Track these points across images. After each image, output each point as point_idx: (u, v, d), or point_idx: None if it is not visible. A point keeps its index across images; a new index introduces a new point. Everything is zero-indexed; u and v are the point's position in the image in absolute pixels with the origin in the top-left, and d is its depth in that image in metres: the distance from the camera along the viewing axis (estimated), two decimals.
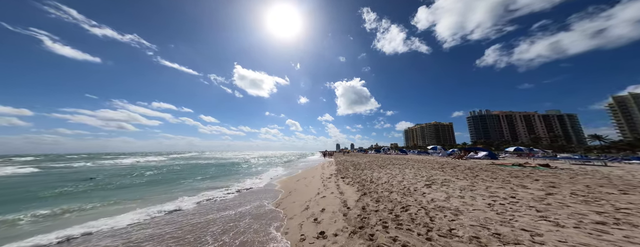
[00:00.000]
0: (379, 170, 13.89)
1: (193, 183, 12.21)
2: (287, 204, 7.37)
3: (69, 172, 18.86)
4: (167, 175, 16.27)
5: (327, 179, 11.35)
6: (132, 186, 11.44)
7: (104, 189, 10.81)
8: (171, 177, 14.84)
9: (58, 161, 37.53)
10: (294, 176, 14.72)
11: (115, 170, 20.52)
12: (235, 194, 9.10)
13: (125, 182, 12.87)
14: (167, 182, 12.57)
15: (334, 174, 13.17)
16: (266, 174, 16.53)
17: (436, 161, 20.03)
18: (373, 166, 16.71)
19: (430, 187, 7.84)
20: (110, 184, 12.22)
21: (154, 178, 14.61)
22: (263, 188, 10.58)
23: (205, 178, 14.31)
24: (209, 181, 13.20)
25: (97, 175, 16.43)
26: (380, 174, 11.80)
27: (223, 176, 15.52)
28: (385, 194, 7.04)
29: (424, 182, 8.75)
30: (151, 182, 12.88)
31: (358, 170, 14.47)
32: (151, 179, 14.01)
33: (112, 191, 10.33)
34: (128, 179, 14.34)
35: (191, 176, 15.57)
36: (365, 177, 11.13)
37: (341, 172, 13.72)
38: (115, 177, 15.34)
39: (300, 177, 13.51)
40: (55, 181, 13.47)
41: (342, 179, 10.92)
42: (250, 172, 17.92)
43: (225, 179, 14.21)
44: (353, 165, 18.90)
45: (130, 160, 38.29)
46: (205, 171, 18.52)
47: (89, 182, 12.78)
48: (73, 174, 17.27)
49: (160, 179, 14.02)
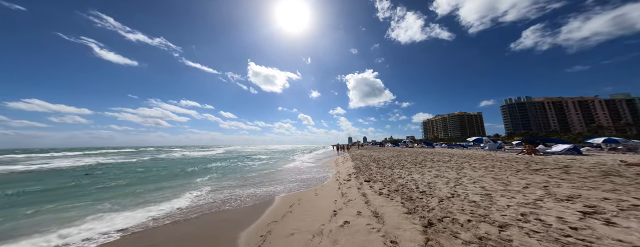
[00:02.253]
0: (418, 169, 8.88)
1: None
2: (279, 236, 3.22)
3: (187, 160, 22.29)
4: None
5: (345, 182, 7.21)
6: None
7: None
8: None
9: (154, 153, 39.00)
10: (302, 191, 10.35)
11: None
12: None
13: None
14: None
15: (353, 174, 8.70)
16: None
17: (493, 157, 14.19)
18: (404, 163, 11.65)
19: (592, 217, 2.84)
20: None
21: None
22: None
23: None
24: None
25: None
26: (427, 177, 6.93)
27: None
28: (477, 225, 2.47)
29: (557, 202, 3.67)
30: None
31: (384, 168, 9.64)
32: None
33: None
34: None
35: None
36: (402, 181, 6.63)
37: (362, 171, 9.12)
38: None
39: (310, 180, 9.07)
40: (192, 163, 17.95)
41: (367, 183, 6.64)
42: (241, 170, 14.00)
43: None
44: (374, 161, 13.96)
45: (218, 151, 43.24)
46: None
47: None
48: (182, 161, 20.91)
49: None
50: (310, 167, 14.20)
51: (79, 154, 35.50)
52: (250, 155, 30.85)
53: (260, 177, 10.14)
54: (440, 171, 8.05)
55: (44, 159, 24.39)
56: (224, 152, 43.40)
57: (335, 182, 7.44)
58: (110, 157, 26.76)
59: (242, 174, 11.56)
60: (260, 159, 22.14)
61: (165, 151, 47.73)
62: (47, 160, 23.33)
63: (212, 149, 61.42)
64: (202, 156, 29.92)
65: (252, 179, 9.79)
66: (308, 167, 13.76)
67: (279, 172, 11.80)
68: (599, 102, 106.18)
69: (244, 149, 62.89)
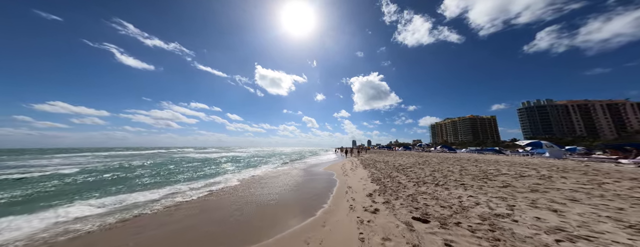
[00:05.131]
0: (498, 190, 5.18)
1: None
2: None
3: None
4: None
5: (367, 212, 3.76)
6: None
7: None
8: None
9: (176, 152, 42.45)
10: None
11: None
12: None
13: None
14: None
15: (376, 192, 5.23)
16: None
17: (571, 167, 10.15)
18: (451, 174, 7.90)
19: None
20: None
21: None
22: None
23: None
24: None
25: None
26: (553, 216, 3.17)
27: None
28: None
29: None
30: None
31: (423, 183, 5.94)
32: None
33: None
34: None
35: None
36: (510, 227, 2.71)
37: (389, 188, 5.50)
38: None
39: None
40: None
41: (421, 226, 2.90)
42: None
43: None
44: (395, 169, 10.27)
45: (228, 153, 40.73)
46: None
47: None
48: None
49: None
50: (311, 167, 10.71)
51: (131, 154, 37.67)
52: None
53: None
54: (548, 197, 4.35)
55: (124, 158, 26.03)
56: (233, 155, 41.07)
57: (349, 215, 3.89)
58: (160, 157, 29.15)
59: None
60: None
61: (201, 152, 48.53)
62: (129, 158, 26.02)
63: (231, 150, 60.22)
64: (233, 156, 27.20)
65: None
66: (306, 173, 10.27)
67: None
68: (630, 106, 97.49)
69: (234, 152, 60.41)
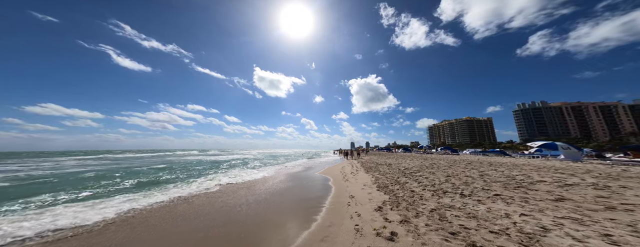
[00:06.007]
0: (546, 206, 4.80)
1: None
2: None
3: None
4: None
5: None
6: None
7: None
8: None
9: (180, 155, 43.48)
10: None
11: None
12: None
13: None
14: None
15: (386, 205, 4.54)
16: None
17: (614, 173, 9.48)
18: (472, 180, 7.57)
19: None
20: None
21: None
22: None
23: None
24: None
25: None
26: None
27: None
28: None
29: None
30: None
31: (441, 192, 5.53)
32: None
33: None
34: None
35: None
36: None
37: (402, 199, 4.96)
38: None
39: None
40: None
41: None
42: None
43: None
44: (404, 174, 9.91)
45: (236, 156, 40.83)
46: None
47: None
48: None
49: None
50: (301, 171, 10.27)
51: (146, 156, 40.09)
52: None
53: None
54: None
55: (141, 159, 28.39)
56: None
57: (356, 243, 3.09)
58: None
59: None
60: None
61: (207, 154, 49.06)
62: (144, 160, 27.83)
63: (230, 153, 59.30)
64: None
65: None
66: (302, 175, 9.83)
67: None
68: (622, 108, 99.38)
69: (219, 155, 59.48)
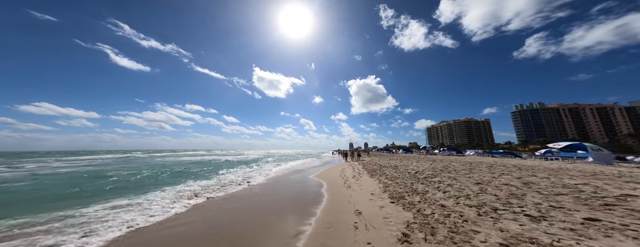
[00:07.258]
0: None
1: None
2: None
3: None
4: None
5: None
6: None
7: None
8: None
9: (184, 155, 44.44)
10: None
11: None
12: None
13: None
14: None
15: None
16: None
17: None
18: (523, 194, 6.33)
19: None
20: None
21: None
22: None
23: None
24: None
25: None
26: None
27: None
28: None
29: None
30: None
31: (504, 211, 4.27)
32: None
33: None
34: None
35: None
36: None
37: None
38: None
39: None
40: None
41: None
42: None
43: None
44: (417, 179, 8.72)
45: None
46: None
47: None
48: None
49: None
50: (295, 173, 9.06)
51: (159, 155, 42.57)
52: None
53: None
54: None
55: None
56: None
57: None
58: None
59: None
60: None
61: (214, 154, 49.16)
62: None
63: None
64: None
65: None
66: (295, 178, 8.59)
67: None
68: (619, 109, 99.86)
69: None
